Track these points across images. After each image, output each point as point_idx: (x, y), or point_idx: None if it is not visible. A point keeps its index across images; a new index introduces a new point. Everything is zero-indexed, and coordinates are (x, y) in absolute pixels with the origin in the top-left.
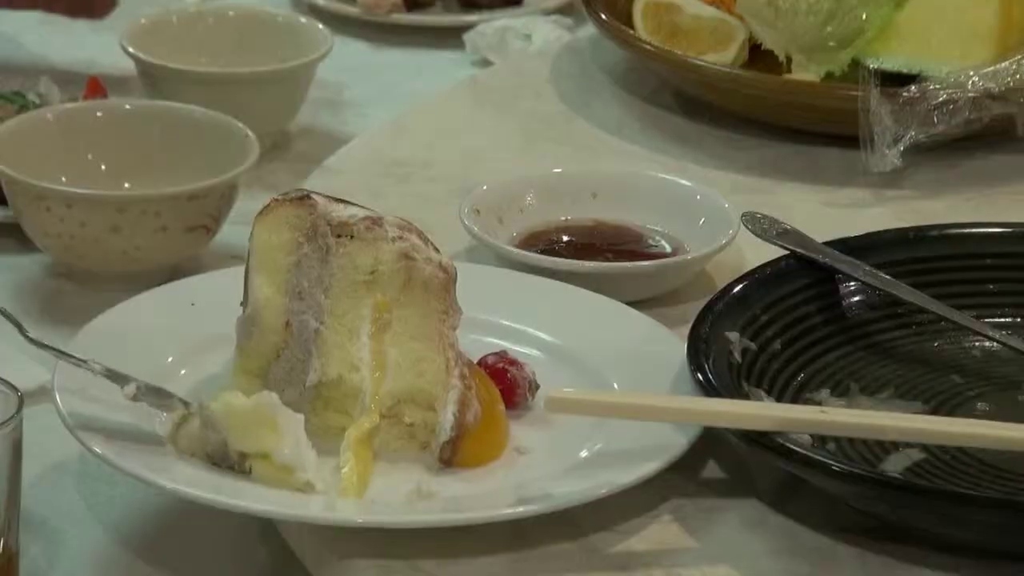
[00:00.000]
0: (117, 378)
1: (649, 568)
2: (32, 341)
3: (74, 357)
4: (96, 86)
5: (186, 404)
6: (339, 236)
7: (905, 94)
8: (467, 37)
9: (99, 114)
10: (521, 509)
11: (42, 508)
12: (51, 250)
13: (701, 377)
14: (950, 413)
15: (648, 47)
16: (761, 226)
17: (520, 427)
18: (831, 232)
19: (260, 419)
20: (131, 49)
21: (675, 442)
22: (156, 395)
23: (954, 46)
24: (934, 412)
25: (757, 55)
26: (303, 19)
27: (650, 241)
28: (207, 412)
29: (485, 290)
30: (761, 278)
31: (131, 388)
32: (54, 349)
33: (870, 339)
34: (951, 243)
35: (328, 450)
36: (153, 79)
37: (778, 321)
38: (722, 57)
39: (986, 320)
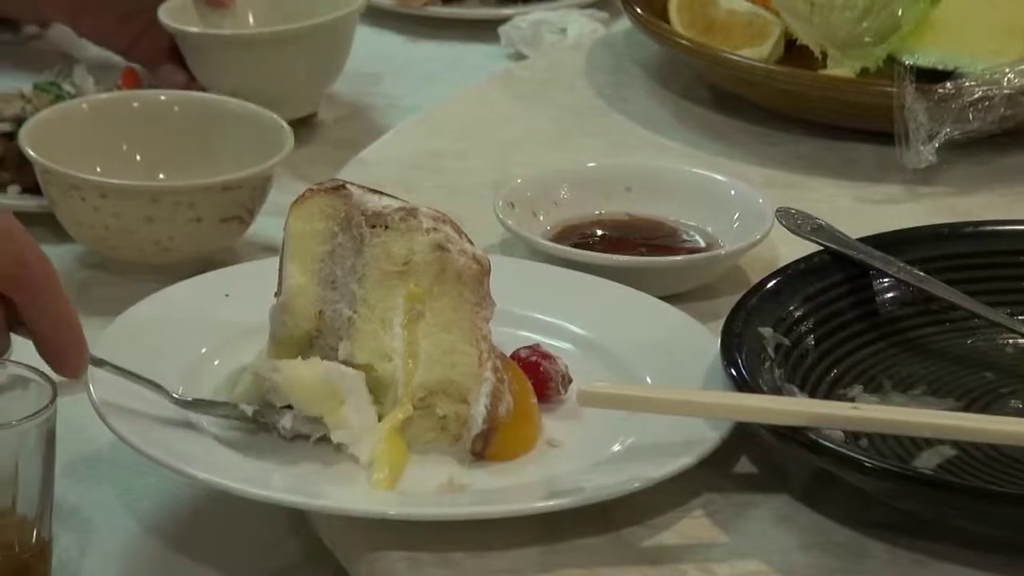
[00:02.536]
0: (270, 413)
1: (680, 562)
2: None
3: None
4: (131, 76)
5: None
6: (373, 226)
7: (940, 90)
8: (502, 30)
9: (135, 104)
10: (552, 503)
11: (75, 497)
12: (85, 240)
13: (734, 372)
14: (983, 410)
15: (683, 42)
16: (795, 221)
17: (552, 420)
18: (865, 228)
19: (325, 390)
20: (169, 21)
21: (707, 437)
22: (311, 424)
23: (989, 42)
24: (967, 409)
25: (792, 50)
26: None
27: (684, 236)
28: (268, 383)
29: (518, 283)
30: (795, 274)
31: (287, 420)
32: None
33: (903, 335)
34: (985, 240)
35: None
36: (195, 49)
37: (811, 317)
38: (757, 52)
39: (1019, 317)
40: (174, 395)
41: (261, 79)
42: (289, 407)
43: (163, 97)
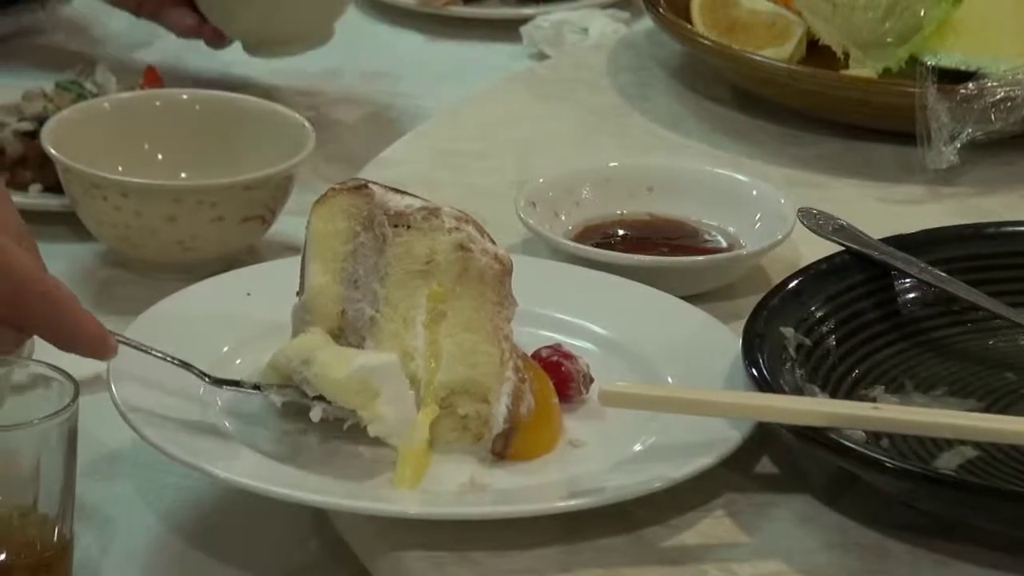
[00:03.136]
0: (300, 407)
1: (701, 562)
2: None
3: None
4: (153, 75)
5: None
6: (396, 226)
7: (962, 91)
8: (524, 30)
9: (156, 103)
10: (573, 502)
11: (96, 496)
12: (106, 239)
13: (755, 372)
14: (1004, 410)
15: (705, 41)
16: (817, 222)
17: (573, 420)
18: (886, 228)
19: (357, 386)
20: None
21: (728, 437)
22: (343, 413)
23: (1012, 43)
24: (988, 409)
25: (814, 50)
26: None
27: (705, 236)
28: (301, 375)
29: (540, 283)
30: (816, 274)
31: (317, 411)
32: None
33: (925, 336)
34: (1007, 240)
35: (381, 440)
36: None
37: (833, 317)
38: (779, 52)
39: None
40: (205, 376)
41: (270, 17)
42: (320, 397)
43: (185, 96)
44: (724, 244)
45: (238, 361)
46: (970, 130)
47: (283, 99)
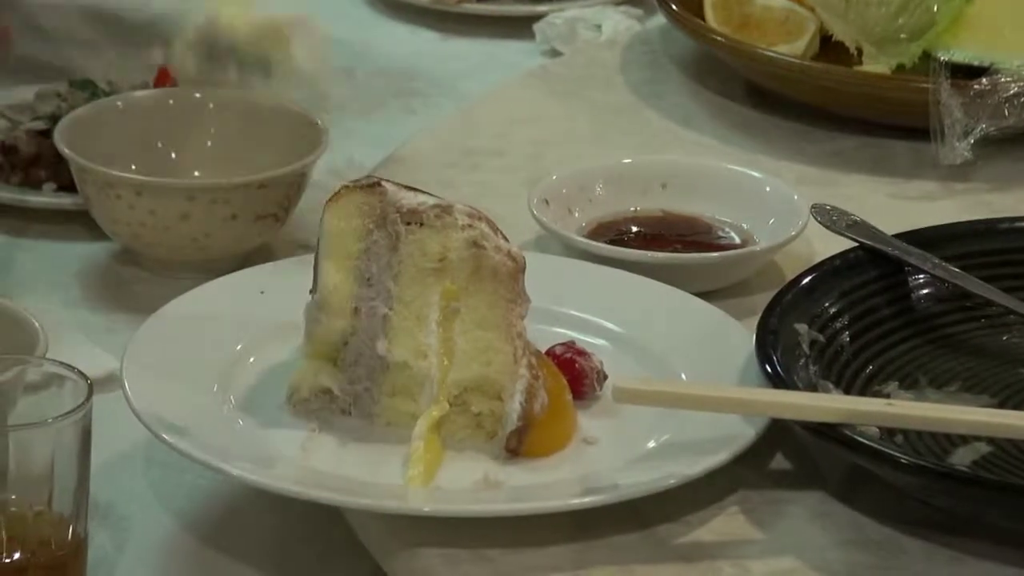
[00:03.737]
0: (217, 67)
1: (715, 559)
2: None
3: None
4: (166, 74)
5: None
6: (408, 224)
7: (976, 86)
8: (537, 27)
9: (170, 102)
10: (587, 500)
11: (110, 494)
12: (120, 238)
13: (769, 368)
14: (1018, 406)
15: (718, 38)
16: (830, 218)
17: (587, 417)
18: (900, 224)
19: (267, 30)
20: None
21: (743, 433)
22: (258, 69)
23: None
24: (1002, 405)
25: (828, 46)
26: None
27: (719, 232)
28: (216, 33)
29: (553, 280)
30: (830, 270)
31: (233, 72)
32: None
33: (939, 332)
34: (1021, 236)
35: (394, 438)
36: None
37: (847, 313)
38: (793, 48)
39: None
40: None
41: None
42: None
43: (198, 95)
44: (737, 240)
45: (252, 359)
46: (983, 126)
47: (296, 97)
